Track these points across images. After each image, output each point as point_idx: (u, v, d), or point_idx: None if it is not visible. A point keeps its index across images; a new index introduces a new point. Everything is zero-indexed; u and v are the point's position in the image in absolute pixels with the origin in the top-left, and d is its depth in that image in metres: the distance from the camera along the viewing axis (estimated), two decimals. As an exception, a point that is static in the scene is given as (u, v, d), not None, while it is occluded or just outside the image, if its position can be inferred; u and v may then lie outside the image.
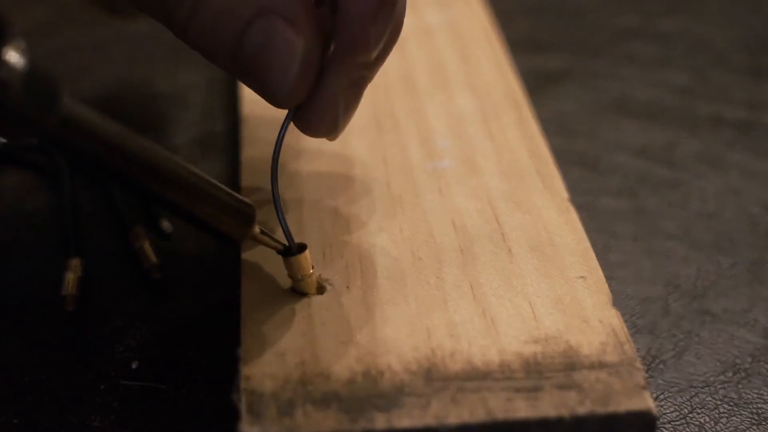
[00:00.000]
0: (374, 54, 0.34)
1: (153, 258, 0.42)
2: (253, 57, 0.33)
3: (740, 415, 0.37)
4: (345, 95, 0.35)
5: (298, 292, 0.36)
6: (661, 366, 0.39)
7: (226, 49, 0.33)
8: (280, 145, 0.35)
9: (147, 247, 0.42)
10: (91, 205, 0.47)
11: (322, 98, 0.34)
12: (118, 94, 0.55)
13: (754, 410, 0.37)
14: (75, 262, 0.42)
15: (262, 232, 0.35)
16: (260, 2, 0.32)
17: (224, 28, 0.33)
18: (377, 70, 0.36)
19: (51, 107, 0.28)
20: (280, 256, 0.36)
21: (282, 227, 0.36)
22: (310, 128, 0.35)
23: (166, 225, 0.44)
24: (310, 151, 0.44)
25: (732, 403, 0.37)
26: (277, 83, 0.33)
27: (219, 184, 0.34)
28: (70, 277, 0.41)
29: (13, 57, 0.27)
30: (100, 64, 0.58)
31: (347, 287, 0.36)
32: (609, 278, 0.38)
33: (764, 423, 0.37)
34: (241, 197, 0.35)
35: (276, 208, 0.35)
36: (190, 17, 0.33)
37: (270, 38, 0.32)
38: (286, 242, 0.36)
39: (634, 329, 0.41)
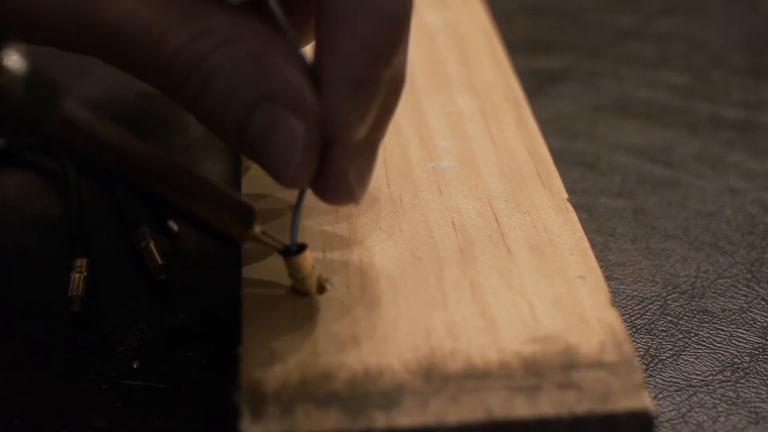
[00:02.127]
0: (363, 131, 0.34)
1: (158, 258, 0.42)
2: (256, 142, 0.33)
3: (738, 414, 0.37)
4: (355, 164, 0.35)
5: (298, 292, 0.36)
6: (660, 365, 0.39)
7: (230, 132, 0.34)
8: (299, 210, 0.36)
9: (152, 247, 0.42)
10: (92, 204, 0.47)
11: (330, 172, 0.35)
12: (118, 95, 0.55)
13: (752, 409, 0.37)
14: (80, 262, 0.42)
15: (262, 232, 0.35)
16: (261, 89, 0.33)
17: (228, 114, 0.33)
18: (385, 131, 0.36)
19: (50, 110, 0.28)
20: (280, 256, 0.36)
21: (293, 224, 0.36)
22: (326, 199, 0.36)
23: (173, 225, 0.44)
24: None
25: (730, 402, 0.37)
26: (282, 167, 0.33)
27: (219, 184, 0.34)
28: (77, 278, 0.41)
29: (13, 60, 0.27)
30: (100, 65, 0.58)
31: (347, 287, 0.37)
32: (608, 278, 0.38)
33: (762, 422, 0.37)
34: (241, 198, 0.35)
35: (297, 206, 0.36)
36: (194, 102, 0.33)
37: (272, 125, 0.33)
38: (286, 243, 0.36)
39: (633, 329, 0.41)
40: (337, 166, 0.34)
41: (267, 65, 0.33)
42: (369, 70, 0.33)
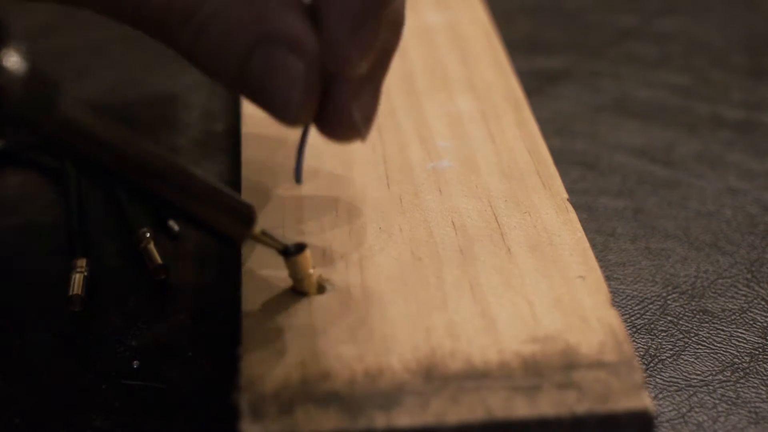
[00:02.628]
0: (364, 67, 0.35)
1: (158, 259, 0.42)
2: (256, 82, 0.33)
3: (738, 414, 0.37)
4: (358, 100, 0.35)
5: (298, 292, 0.36)
6: (660, 365, 0.39)
7: (229, 74, 0.34)
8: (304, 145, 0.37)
9: (152, 247, 0.42)
10: (93, 204, 0.47)
11: (334, 109, 0.35)
12: (118, 95, 0.55)
13: (752, 409, 0.37)
14: (81, 262, 0.42)
15: (262, 232, 0.35)
16: (261, 29, 0.33)
17: (227, 55, 0.33)
18: (386, 69, 0.36)
19: (50, 110, 0.28)
20: (280, 256, 0.36)
21: (298, 161, 0.37)
22: (331, 136, 0.36)
23: (173, 224, 0.44)
24: (310, 152, 0.44)
25: (730, 402, 0.37)
26: (283, 106, 0.34)
27: (219, 184, 0.34)
28: (77, 278, 0.41)
29: (12, 61, 0.27)
30: (100, 65, 0.58)
31: (347, 287, 0.37)
32: (608, 278, 0.38)
33: (762, 422, 0.37)
34: (241, 198, 0.35)
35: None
36: (193, 43, 0.33)
37: (271, 65, 0.33)
38: (286, 243, 0.36)
39: (633, 329, 0.41)
40: (341, 101, 0.35)
41: (264, 6, 0.33)
42: (369, 4, 0.33)
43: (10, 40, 0.27)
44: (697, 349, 0.40)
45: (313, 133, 0.37)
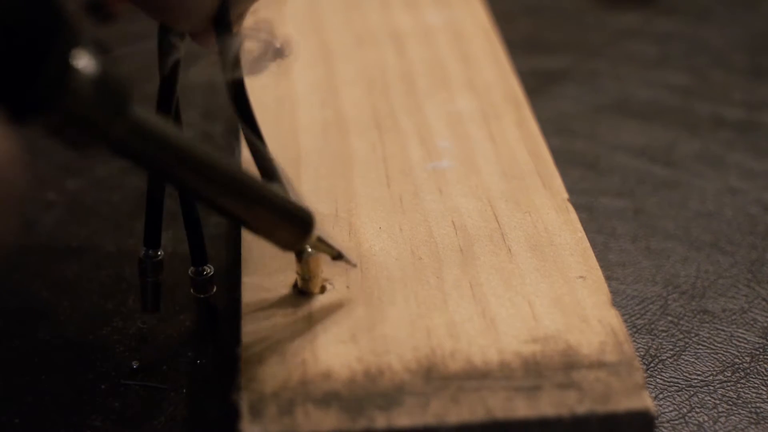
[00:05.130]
0: None
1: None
2: None
3: (739, 414, 0.37)
4: None
5: (299, 291, 0.36)
6: (660, 365, 0.39)
7: None
8: None
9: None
10: (93, 204, 0.47)
11: None
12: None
13: (753, 409, 0.37)
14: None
15: (318, 239, 0.35)
16: None
17: None
18: None
19: (119, 113, 0.27)
20: (280, 256, 0.36)
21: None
22: None
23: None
24: (310, 151, 0.44)
25: (731, 403, 0.37)
26: None
27: (277, 190, 0.34)
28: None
29: (84, 62, 0.26)
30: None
31: (347, 287, 0.37)
32: (608, 278, 0.38)
33: (763, 422, 0.37)
34: (301, 204, 0.35)
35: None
36: None
37: None
38: (339, 250, 0.36)
39: (634, 329, 0.41)
40: None
41: None
42: None
43: (83, 41, 0.26)
44: (698, 349, 0.40)
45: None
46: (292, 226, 0.34)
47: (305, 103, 0.47)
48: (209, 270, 0.38)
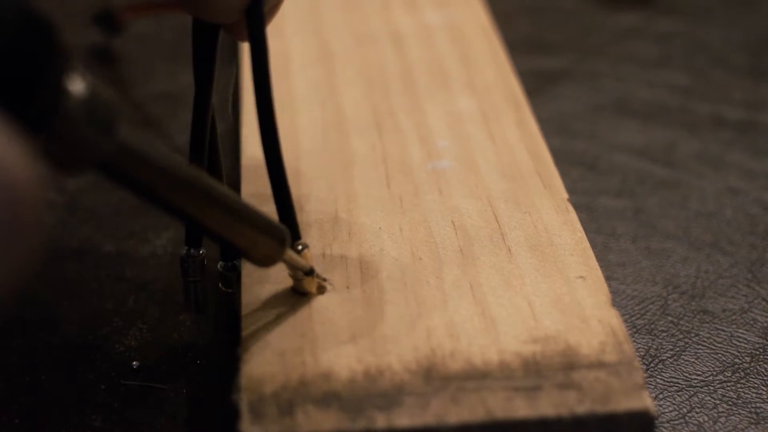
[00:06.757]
0: None
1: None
2: None
3: (739, 414, 0.37)
4: None
5: (298, 292, 0.36)
6: (660, 365, 0.39)
7: None
8: None
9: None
10: (92, 204, 0.47)
11: None
12: (118, 95, 0.55)
13: (753, 410, 0.37)
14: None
15: (291, 254, 0.35)
16: None
17: None
18: None
19: (108, 134, 0.27)
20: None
21: None
22: None
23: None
24: (310, 151, 0.44)
25: (731, 403, 0.37)
26: None
27: (255, 208, 0.34)
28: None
29: (75, 85, 0.26)
30: (100, 65, 0.58)
31: (347, 287, 0.37)
32: (608, 278, 0.38)
33: (763, 422, 0.37)
34: (276, 221, 0.35)
35: None
36: None
37: None
38: (311, 265, 0.36)
39: (634, 329, 0.41)
40: None
41: None
42: None
43: (72, 64, 0.26)
44: (698, 349, 0.40)
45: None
46: (272, 240, 0.34)
47: (305, 104, 0.47)
48: (239, 264, 0.38)
